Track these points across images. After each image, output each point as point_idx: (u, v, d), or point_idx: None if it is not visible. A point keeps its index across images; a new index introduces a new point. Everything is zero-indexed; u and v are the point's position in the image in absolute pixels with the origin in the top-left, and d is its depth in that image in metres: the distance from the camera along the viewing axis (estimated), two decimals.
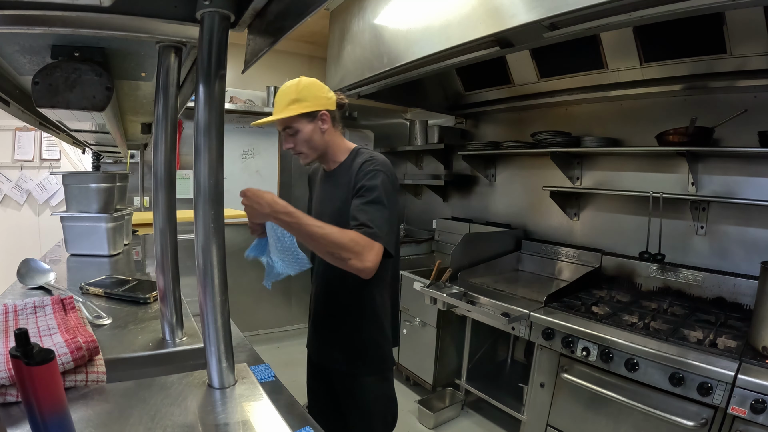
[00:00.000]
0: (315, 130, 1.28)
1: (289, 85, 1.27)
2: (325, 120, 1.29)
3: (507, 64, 2.68)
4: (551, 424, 1.93)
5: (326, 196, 1.38)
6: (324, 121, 1.29)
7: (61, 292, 1.13)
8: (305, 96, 1.24)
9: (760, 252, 1.88)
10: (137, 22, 0.65)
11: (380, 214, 1.16)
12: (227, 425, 0.59)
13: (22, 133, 3.45)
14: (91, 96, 0.77)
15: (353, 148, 1.36)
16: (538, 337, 1.93)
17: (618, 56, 2.16)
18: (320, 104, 1.26)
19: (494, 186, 3.21)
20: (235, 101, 3.32)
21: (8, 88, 0.99)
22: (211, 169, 0.64)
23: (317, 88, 1.28)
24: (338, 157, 1.35)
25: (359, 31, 2.42)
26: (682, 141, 1.95)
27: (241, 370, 0.72)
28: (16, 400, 0.60)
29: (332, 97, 1.30)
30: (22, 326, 0.54)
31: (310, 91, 1.26)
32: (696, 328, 1.71)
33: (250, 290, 3.64)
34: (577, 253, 2.56)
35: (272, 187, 3.68)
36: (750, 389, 1.33)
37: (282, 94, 1.26)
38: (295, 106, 1.23)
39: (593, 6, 1.30)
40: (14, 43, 0.74)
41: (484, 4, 1.66)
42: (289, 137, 1.30)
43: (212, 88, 0.63)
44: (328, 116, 1.29)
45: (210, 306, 0.66)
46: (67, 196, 1.82)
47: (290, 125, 1.27)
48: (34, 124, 1.38)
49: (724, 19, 1.73)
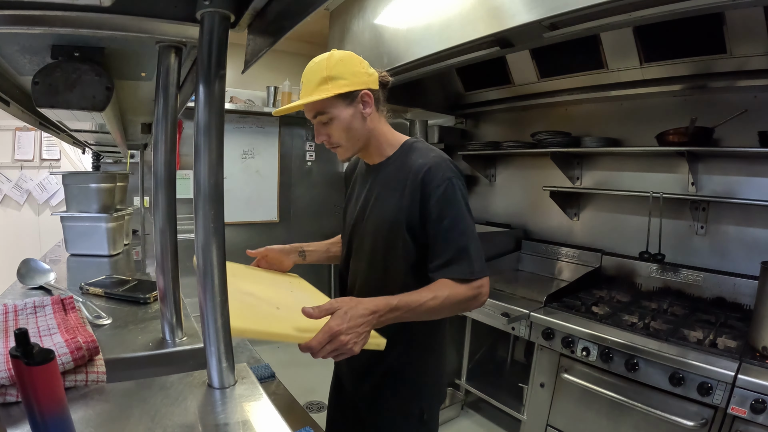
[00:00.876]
0: (355, 115, 1.03)
1: (318, 60, 1.02)
2: (368, 102, 1.04)
3: (507, 64, 2.68)
4: (551, 424, 1.93)
5: (370, 197, 1.12)
6: (366, 104, 1.03)
7: (61, 292, 1.13)
8: (341, 72, 0.99)
9: (760, 252, 1.87)
10: (137, 22, 0.65)
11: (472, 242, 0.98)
12: (227, 425, 0.59)
13: (22, 133, 3.45)
14: (91, 96, 0.77)
15: (405, 141, 1.12)
16: (538, 337, 1.93)
17: (618, 56, 2.16)
18: (360, 82, 1.01)
19: (494, 186, 3.21)
20: (235, 101, 3.32)
21: (8, 88, 0.99)
22: (211, 169, 0.64)
23: (355, 62, 1.02)
24: (385, 150, 1.11)
25: (359, 31, 2.42)
26: (682, 141, 1.95)
27: (241, 370, 0.72)
28: (16, 400, 0.60)
29: (374, 73, 1.06)
30: (22, 326, 0.54)
31: (347, 67, 1.00)
32: (696, 328, 1.71)
33: None
34: (577, 253, 2.56)
35: (272, 187, 3.69)
36: (750, 389, 1.33)
37: (310, 73, 1.02)
38: (328, 85, 0.98)
39: (593, 6, 1.30)
40: (14, 43, 0.74)
41: (484, 4, 1.66)
42: (321, 126, 1.05)
43: (212, 88, 0.63)
44: (371, 97, 1.04)
45: (210, 306, 0.66)
46: (67, 196, 1.83)
47: (323, 110, 1.01)
48: (34, 124, 1.38)
49: (724, 19, 1.72)
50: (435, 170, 1.00)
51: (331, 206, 3.88)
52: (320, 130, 1.05)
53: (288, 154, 3.73)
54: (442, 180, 0.99)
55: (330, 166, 3.93)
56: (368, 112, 1.04)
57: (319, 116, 1.03)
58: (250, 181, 3.58)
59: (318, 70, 1.00)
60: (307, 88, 1.01)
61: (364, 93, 1.02)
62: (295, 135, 3.74)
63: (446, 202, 0.99)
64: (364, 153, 1.13)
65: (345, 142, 1.06)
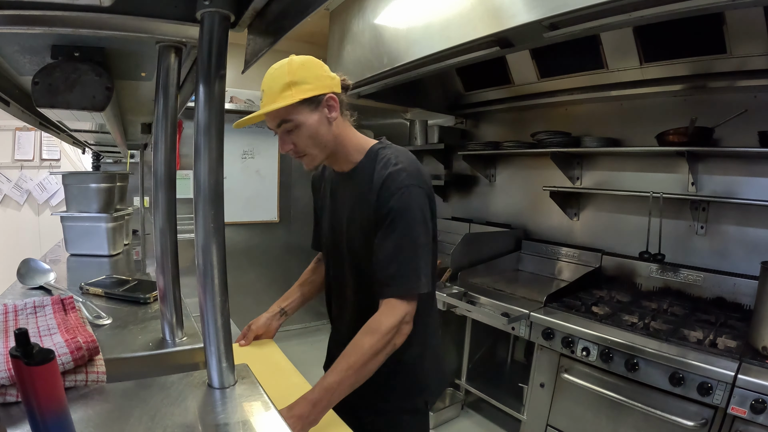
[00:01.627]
0: (321, 120, 0.99)
1: (277, 67, 0.98)
2: (333, 106, 1.01)
3: (507, 64, 2.68)
4: (551, 424, 1.93)
5: (344, 208, 1.13)
6: (332, 108, 1.01)
7: (61, 292, 1.13)
8: (303, 77, 0.96)
9: (760, 252, 1.88)
10: (137, 22, 0.65)
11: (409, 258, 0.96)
12: (227, 425, 0.59)
13: (22, 133, 3.45)
14: (91, 96, 0.77)
15: (371, 146, 1.10)
16: (538, 337, 1.93)
17: (618, 56, 2.16)
18: (324, 86, 0.98)
19: (494, 186, 3.21)
20: (235, 101, 3.32)
21: (8, 88, 0.99)
22: (211, 169, 0.64)
23: (316, 66, 1.00)
24: (353, 156, 1.09)
25: (359, 31, 2.42)
26: (682, 141, 1.95)
27: (241, 370, 0.72)
28: (16, 400, 0.60)
29: (336, 77, 1.03)
30: (22, 326, 0.54)
31: (309, 71, 0.97)
32: (696, 328, 1.71)
33: (250, 290, 3.65)
34: (577, 253, 2.56)
35: (272, 187, 3.68)
36: (750, 389, 1.33)
37: (270, 80, 0.97)
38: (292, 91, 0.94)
39: (593, 6, 1.31)
40: (14, 43, 0.74)
41: (484, 4, 1.66)
42: (286, 135, 1.00)
43: (212, 88, 0.63)
44: (336, 100, 1.01)
45: (210, 306, 0.66)
46: (67, 196, 1.82)
47: (288, 117, 0.97)
48: (34, 124, 1.38)
49: (724, 19, 1.73)
50: (393, 177, 0.99)
51: None
52: (285, 138, 1.01)
53: (288, 154, 3.73)
54: (397, 188, 0.98)
55: None
56: (334, 116, 1.02)
57: (283, 124, 0.98)
58: (250, 181, 3.58)
59: (279, 76, 0.96)
60: (269, 96, 0.96)
61: (329, 96, 1.00)
62: None
63: (397, 213, 0.97)
64: (331, 160, 1.10)
65: (312, 150, 1.02)
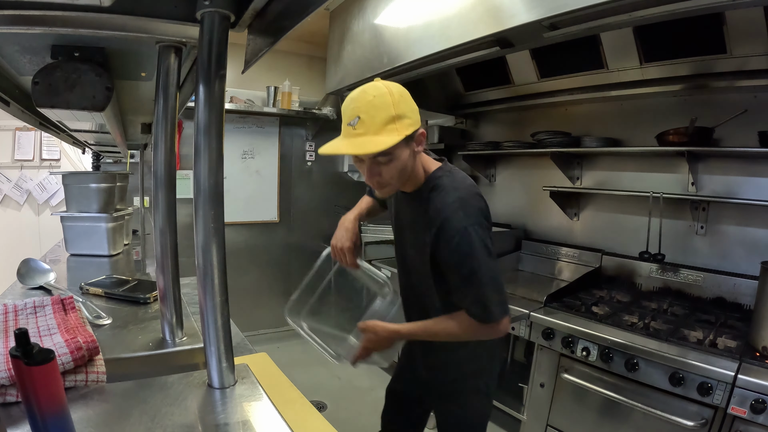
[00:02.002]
0: (410, 154, 0.99)
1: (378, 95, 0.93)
2: (422, 141, 1.01)
3: (507, 64, 2.68)
4: (551, 424, 1.93)
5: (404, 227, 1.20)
6: (420, 142, 1.00)
7: (61, 292, 1.13)
8: (404, 111, 0.94)
9: (760, 252, 1.87)
10: (137, 22, 0.65)
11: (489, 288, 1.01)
12: (227, 425, 0.59)
13: (22, 133, 3.45)
14: (91, 96, 0.77)
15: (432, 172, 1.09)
16: (538, 337, 1.93)
17: (618, 56, 2.16)
18: (417, 120, 0.98)
19: (494, 186, 3.21)
20: (235, 101, 3.32)
21: (8, 88, 0.99)
22: (211, 169, 0.64)
23: (410, 97, 0.97)
24: (419, 179, 1.09)
25: (359, 31, 2.42)
26: (682, 141, 1.95)
27: (241, 370, 0.73)
28: (16, 400, 0.60)
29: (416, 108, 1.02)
30: (22, 326, 0.54)
31: (407, 104, 0.95)
32: (696, 328, 1.71)
33: (250, 290, 3.65)
34: (577, 253, 2.56)
35: (272, 187, 3.69)
36: (750, 389, 1.33)
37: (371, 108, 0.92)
38: (396, 125, 0.92)
39: (593, 6, 1.30)
40: (14, 43, 0.74)
41: (483, 4, 1.66)
42: (376, 166, 0.98)
43: (212, 88, 0.63)
44: (425, 135, 1.01)
45: (210, 306, 0.66)
46: (67, 196, 1.83)
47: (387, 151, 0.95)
48: (34, 124, 1.38)
49: (724, 19, 1.72)
50: (451, 222, 1.01)
51: (331, 206, 3.88)
52: (374, 169, 0.99)
53: (288, 154, 3.73)
54: (456, 231, 1.01)
55: (330, 166, 3.93)
56: (420, 150, 1.02)
57: (379, 157, 0.96)
58: (250, 181, 3.58)
59: (382, 106, 0.92)
60: (370, 127, 0.92)
61: (422, 132, 1.00)
62: (295, 135, 3.74)
63: (462, 255, 1.01)
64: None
65: (397, 182, 1.03)
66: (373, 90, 0.95)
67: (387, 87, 0.95)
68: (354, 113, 0.95)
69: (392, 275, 1.64)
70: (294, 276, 3.85)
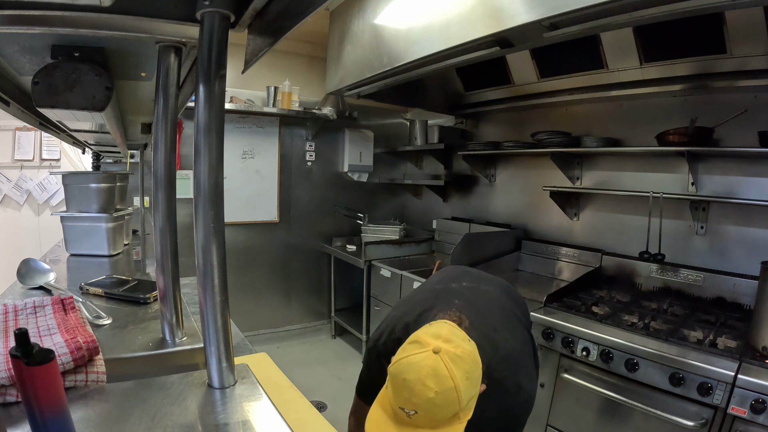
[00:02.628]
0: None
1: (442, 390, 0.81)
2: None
3: (507, 64, 2.68)
4: (551, 424, 1.93)
5: None
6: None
7: (61, 292, 1.13)
8: (469, 398, 0.85)
9: (760, 252, 1.87)
10: (137, 22, 0.65)
11: None
12: (227, 425, 0.59)
13: (22, 133, 3.45)
14: (91, 96, 0.77)
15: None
16: (538, 337, 1.93)
17: (618, 56, 2.16)
18: (478, 392, 0.90)
19: (494, 186, 3.21)
20: (235, 101, 3.32)
21: (8, 88, 0.99)
22: (211, 169, 0.64)
23: (477, 373, 0.88)
24: None
25: (359, 31, 2.42)
26: (682, 141, 1.95)
27: (241, 370, 0.73)
28: (16, 400, 0.60)
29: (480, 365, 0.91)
30: (22, 326, 0.54)
31: (474, 386, 0.86)
32: (696, 328, 1.71)
33: (250, 290, 3.65)
34: (577, 253, 2.56)
35: (272, 187, 3.69)
36: (750, 389, 1.33)
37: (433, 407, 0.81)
38: (459, 418, 0.85)
39: (593, 6, 1.30)
40: (14, 43, 0.74)
41: (484, 4, 1.66)
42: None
43: (212, 88, 0.63)
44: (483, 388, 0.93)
45: (210, 306, 0.66)
46: (67, 196, 1.82)
47: None
48: (34, 124, 1.38)
49: (724, 19, 1.73)
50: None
51: (331, 206, 3.88)
52: None
53: (288, 154, 3.73)
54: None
55: (330, 166, 3.93)
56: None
57: None
58: (250, 181, 3.58)
59: (447, 405, 0.82)
60: (429, 421, 0.83)
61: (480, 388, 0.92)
62: (295, 135, 3.74)
63: None
64: None
65: None
66: (435, 383, 0.80)
67: (454, 377, 0.81)
68: (409, 405, 0.83)
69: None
70: (294, 276, 3.85)
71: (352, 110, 3.66)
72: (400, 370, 0.84)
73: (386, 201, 4.24)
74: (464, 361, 0.85)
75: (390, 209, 4.26)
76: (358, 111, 3.71)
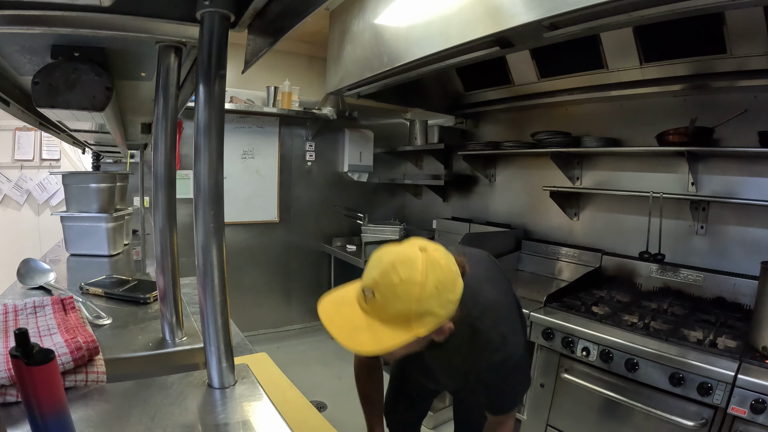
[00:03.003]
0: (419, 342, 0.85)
1: (406, 281, 0.79)
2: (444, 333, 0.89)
3: (507, 64, 2.68)
4: (551, 424, 1.93)
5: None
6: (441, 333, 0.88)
7: (61, 292, 1.13)
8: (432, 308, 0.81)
9: (760, 252, 1.88)
10: (137, 22, 0.65)
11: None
12: (227, 425, 0.59)
13: (22, 133, 3.45)
14: (91, 96, 0.77)
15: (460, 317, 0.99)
16: (538, 337, 1.93)
17: (618, 56, 2.16)
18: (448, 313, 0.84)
19: (494, 186, 3.21)
20: (235, 101, 3.32)
21: (8, 88, 0.99)
22: (211, 169, 0.64)
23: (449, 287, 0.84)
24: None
25: (359, 31, 2.42)
26: (682, 141, 1.95)
27: (241, 370, 0.72)
28: (16, 400, 0.60)
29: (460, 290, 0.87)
30: (22, 326, 0.54)
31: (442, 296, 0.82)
32: (696, 328, 1.71)
33: (250, 290, 3.65)
34: (577, 253, 2.56)
35: (272, 187, 3.69)
36: (750, 389, 1.33)
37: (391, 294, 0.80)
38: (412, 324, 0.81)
39: (593, 6, 1.30)
40: (14, 43, 0.74)
41: (483, 4, 1.66)
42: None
43: (212, 88, 0.63)
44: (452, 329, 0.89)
45: (210, 306, 0.66)
46: (67, 196, 1.82)
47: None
48: (34, 124, 1.38)
49: (724, 19, 1.73)
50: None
51: (331, 206, 3.88)
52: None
53: (288, 154, 3.73)
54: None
55: (330, 166, 3.93)
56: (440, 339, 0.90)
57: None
58: (250, 181, 3.58)
59: (404, 298, 0.79)
60: (380, 311, 0.81)
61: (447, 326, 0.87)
62: (295, 135, 3.74)
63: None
64: None
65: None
66: (405, 271, 0.79)
67: (424, 275, 0.79)
68: (372, 284, 0.82)
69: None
70: (294, 276, 3.85)
71: (352, 110, 3.66)
72: (382, 252, 0.86)
73: (386, 201, 4.24)
74: (442, 271, 0.82)
75: (390, 209, 4.26)
76: (358, 111, 3.70)
